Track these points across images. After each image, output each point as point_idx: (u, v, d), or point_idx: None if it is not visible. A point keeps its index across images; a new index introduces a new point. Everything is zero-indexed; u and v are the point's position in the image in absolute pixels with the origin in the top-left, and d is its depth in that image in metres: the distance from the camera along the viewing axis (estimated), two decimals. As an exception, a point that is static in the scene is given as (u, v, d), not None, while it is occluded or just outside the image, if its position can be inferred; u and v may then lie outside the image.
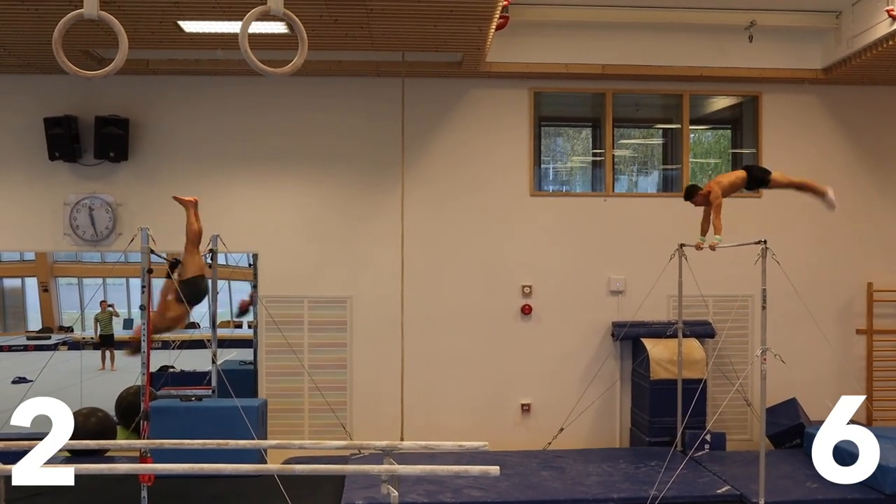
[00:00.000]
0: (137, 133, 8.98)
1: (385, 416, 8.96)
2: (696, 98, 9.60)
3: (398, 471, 4.59)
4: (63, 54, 4.23)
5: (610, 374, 9.25)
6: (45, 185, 8.99)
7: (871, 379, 9.52)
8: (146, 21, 7.10)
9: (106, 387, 9.69)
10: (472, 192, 9.24)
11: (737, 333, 9.22)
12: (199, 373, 9.05)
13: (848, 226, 9.48)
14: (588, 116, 10.02)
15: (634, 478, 7.37)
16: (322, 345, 9.10)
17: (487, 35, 7.63)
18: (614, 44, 8.93)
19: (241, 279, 9.84)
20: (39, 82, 8.86)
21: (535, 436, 8.99)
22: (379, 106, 9.11)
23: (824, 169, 9.49)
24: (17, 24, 7.16)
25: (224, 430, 7.06)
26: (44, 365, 6.80)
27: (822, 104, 9.50)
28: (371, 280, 9.15)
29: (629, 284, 9.24)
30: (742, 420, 9.21)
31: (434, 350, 9.14)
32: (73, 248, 9.19)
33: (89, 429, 8.14)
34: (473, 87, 9.22)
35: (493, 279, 9.23)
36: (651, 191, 10.10)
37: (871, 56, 8.21)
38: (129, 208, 9.03)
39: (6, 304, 11.42)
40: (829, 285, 9.41)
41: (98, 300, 10.52)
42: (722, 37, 8.90)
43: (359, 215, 9.17)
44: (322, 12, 6.87)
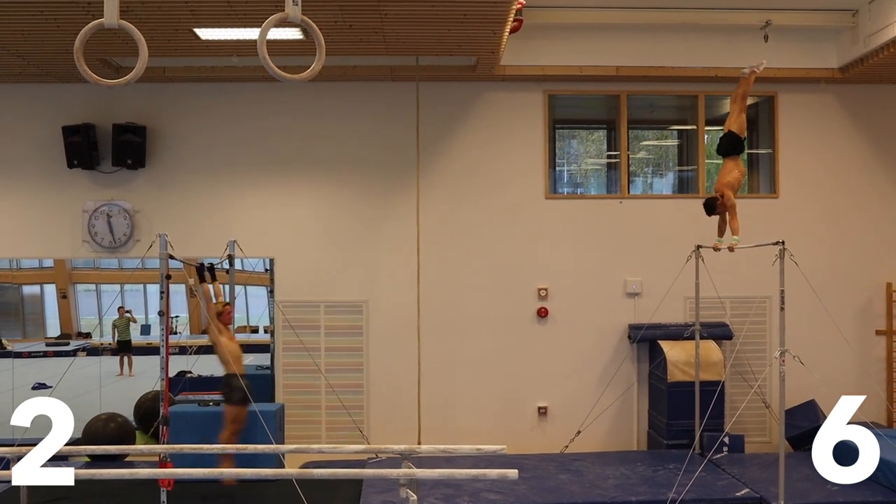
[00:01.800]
0: (154, 140, 9.05)
1: (402, 420, 8.97)
2: (712, 99, 9.56)
3: (416, 474, 4.60)
4: (84, 63, 4.27)
5: (627, 376, 9.22)
6: (63, 193, 9.08)
7: (891, 380, 9.43)
8: (163, 29, 7.16)
9: (124, 392, 9.77)
10: (488, 195, 9.24)
11: (755, 335, 9.16)
12: (216, 378, 9.08)
13: (866, 225, 9.42)
14: (603, 118, 10.00)
15: (652, 481, 7.34)
16: (339, 349, 9.13)
17: (501, 38, 7.64)
18: (628, 45, 8.91)
19: (257, 284, 9.89)
20: (58, 91, 8.95)
21: (552, 439, 8.97)
22: (393, 110, 9.13)
23: (841, 168, 9.45)
24: (37, 34, 7.24)
25: (242, 434, 7.12)
26: (64, 371, 6.86)
27: (838, 103, 9.44)
28: (387, 284, 9.16)
29: (645, 286, 9.21)
30: (761, 422, 9.15)
31: (451, 353, 9.14)
32: (91, 254, 9.27)
33: (109, 434, 8.21)
34: (488, 90, 9.22)
35: (509, 282, 9.22)
36: (666, 192, 10.07)
37: (889, 55, 8.15)
38: (146, 215, 9.09)
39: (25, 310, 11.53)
40: (847, 286, 9.34)
41: (116, 306, 10.59)
42: (737, 37, 8.86)
43: (374, 219, 9.19)
44: (337, 18, 6.90)
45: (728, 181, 7.14)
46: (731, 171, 7.19)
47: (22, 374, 10.13)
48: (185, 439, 6.67)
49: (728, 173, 7.19)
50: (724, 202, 7.09)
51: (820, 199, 9.45)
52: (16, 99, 9.06)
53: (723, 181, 7.17)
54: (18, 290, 11.10)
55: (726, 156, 7.27)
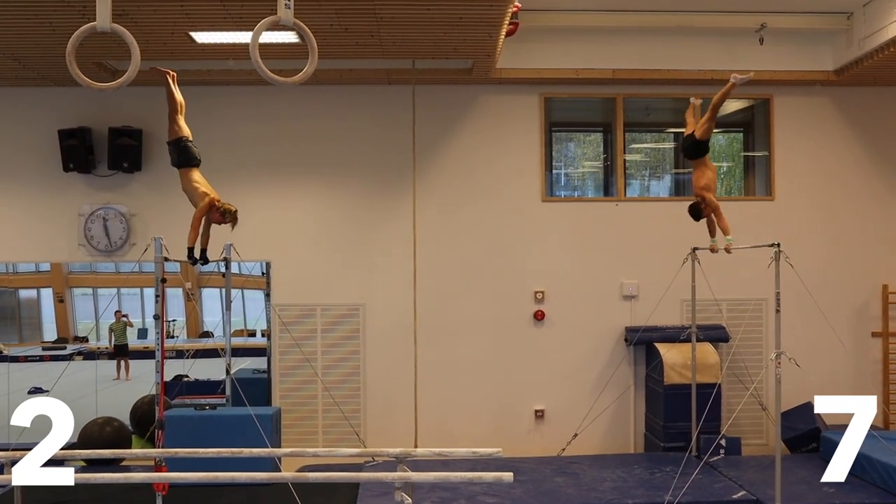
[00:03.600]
0: (150, 143, 9.05)
1: (398, 423, 8.96)
2: (708, 102, 9.54)
3: (412, 478, 4.60)
4: (77, 67, 4.28)
5: (624, 379, 9.22)
6: (59, 197, 9.07)
7: (887, 382, 9.43)
8: (159, 32, 7.17)
9: (121, 396, 9.74)
10: (484, 198, 9.24)
11: (751, 337, 9.17)
12: (213, 381, 9.08)
13: (862, 227, 9.43)
14: (599, 121, 10.01)
15: (649, 483, 7.34)
16: (335, 352, 9.12)
17: (497, 42, 7.64)
18: (624, 48, 8.93)
19: (254, 288, 9.88)
20: (54, 94, 8.95)
21: (548, 442, 8.96)
22: (390, 113, 9.13)
23: (837, 170, 9.46)
24: (33, 37, 7.24)
25: (238, 438, 7.11)
26: (59, 375, 6.84)
27: (834, 106, 9.45)
28: (383, 287, 9.16)
29: (642, 289, 9.22)
30: (757, 424, 9.16)
31: (447, 356, 9.14)
32: (87, 258, 9.26)
33: (105, 438, 8.19)
34: (484, 93, 9.23)
35: (506, 285, 9.23)
36: (663, 195, 10.08)
37: (883, 57, 8.17)
38: (142, 218, 9.09)
39: (22, 314, 11.50)
40: (843, 288, 9.35)
41: (112, 310, 10.57)
42: (732, 40, 8.88)
43: (371, 223, 9.19)
44: (332, 21, 6.91)
45: (704, 184, 7.14)
46: (704, 173, 7.18)
47: (18, 378, 10.10)
48: (182, 443, 6.65)
49: (701, 176, 7.17)
50: (707, 205, 7.10)
51: (816, 202, 9.46)
52: (11, 103, 9.06)
53: (699, 185, 7.16)
54: (15, 294, 11.07)
55: (692, 158, 7.28)
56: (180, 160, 6.69)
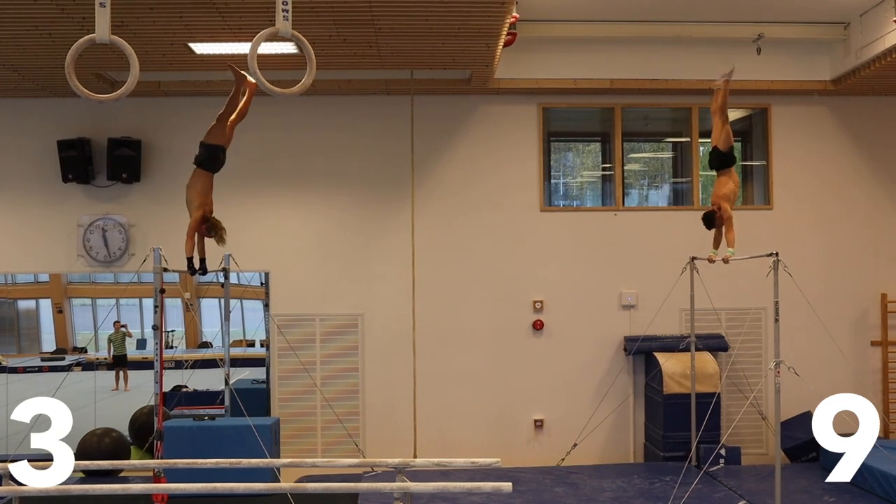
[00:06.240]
0: (149, 154, 9.06)
1: (397, 434, 8.95)
2: (705, 111, 9.55)
3: (411, 488, 4.59)
4: (76, 78, 4.29)
5: (623, 388, 9.21)
6: (58, 207, 9.08)
7: (887, 391, 9.42)
8: (157, 44, 7.19)
9: (120, 407, 9.73)
10: (483, 208, 9.25)
11: (750, 346, 9.17)
12: (211, 392, 9.08)
13: (861, 236, 9.44)
14: (597, 131, 10.03)
15: (649, 493, 7.32)
16: (334, 363, 9.11)
17: (495, 52, 7.67)
18: (622, 58, 8.96)
19: (253, 298, 9.88)
20: (53, 105, 8.97)
21: (548, 452, 8.94)
22: (388, 123, 9.15)
23: (835, 179, 9.48)
24: (32, 48, 7.27)
25: (237, 448, 7.11)
26: (58, 386, 6.84)
27: (831, 115, 9.48)
28: (382, 297, 9.16)
29: (641, 299, 9.22)
30: (757, 434, 9.14)
31: (446, 366, 9.13)
32: (86, 269, 9.25)
33: (103, 449, 8.18)
34: (482, 103, 9.26)
35: (505, 295, 9.22)
36: (661, 204, 10.09)
37: (880, 66, 8.20)
38: (141, 229, 9.09)
39: (21, 325, 11.50)
40: (842, 297, 9.35)
41: (111, 321, 10.57)
42: (730, 50, 8.89)
43: (370, 233, 9.20)
44: (331, 32, 6.93)
45: (724, 193, 7.17)
46: (726, 184, 7.21)
47: (17, 389, 10.08)
48: (181, 454, 6.64)
49: (723, 186, 7.21)
50: (721, 214, 7.12)
51: (814, 211, 9.47)
52: (11, 113, 9.08)
53: (718, 194, 7.20)
54: (14, 304, 11.08)
55: (718, 170, 7.31)
56: (205, 163, 6.62)
